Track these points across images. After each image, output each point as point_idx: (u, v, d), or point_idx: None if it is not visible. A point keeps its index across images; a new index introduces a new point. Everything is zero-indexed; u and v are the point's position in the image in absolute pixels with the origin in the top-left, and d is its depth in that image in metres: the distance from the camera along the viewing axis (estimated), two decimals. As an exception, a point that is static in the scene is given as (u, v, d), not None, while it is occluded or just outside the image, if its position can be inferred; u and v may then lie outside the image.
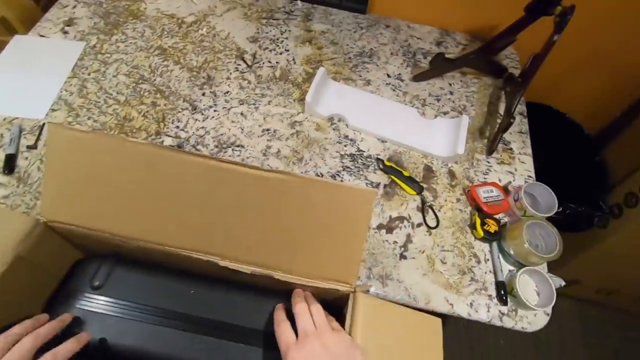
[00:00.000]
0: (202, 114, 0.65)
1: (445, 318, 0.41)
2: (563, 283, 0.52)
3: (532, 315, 0.51)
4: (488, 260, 0.55)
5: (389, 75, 0.74)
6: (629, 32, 0.76)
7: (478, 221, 0.55)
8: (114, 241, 0.38)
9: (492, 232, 0.54)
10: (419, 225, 0.57)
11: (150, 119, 0.63)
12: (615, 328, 1.04)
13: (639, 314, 1.05)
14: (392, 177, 0.60)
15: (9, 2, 0.71)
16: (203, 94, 0.67)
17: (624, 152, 0.87)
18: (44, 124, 0.60)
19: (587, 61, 0.84)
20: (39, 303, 0.39)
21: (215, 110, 0.65)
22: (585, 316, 1.05)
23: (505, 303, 0.51)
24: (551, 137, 0.86)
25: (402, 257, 0.54)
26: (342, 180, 0.60)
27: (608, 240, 0.82)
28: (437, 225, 0.57)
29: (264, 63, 0.73)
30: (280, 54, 0.74)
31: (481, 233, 0.54)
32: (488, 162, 0.65)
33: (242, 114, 0.65)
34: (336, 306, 0.39)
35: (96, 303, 0.38)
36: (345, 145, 0.64)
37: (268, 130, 0.64)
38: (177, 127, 0.63)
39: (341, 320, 0.37)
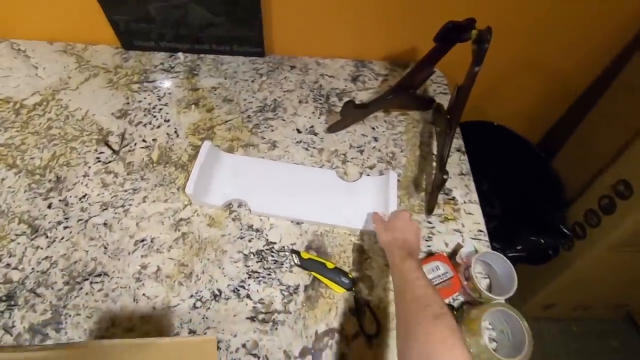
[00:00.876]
0: (47, 236, 0.47)
1: None
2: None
3: None
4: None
5: (299, 131, 0.61)
6: (558, 41, 0.70)
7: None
8: None
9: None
10: (355, 336, 0.43)
11: (-34, 260, 0.45)
12: (598, 339, 0.99)
13: (618, 320, 1.00)
14: (314, 273, 0.47)
15: None
16: (49, 206, 0.50)
17: (574, 161, 0.81)
18: None
19: (519, 72, 0.77)
20: None
21: (65, 227, 0.48)
22: (566, 332, 0.99)
23: None
24: (497, 154, 0.78)
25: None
26: (248, 294, 0.45)
27: (577, 263, 0.74)
28: (378, 332, 0.43)
29: (136, 144, 0.57)
30: (158, 127, 0.59)
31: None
32: (429, 222, 0.53)
33: (105, 224, 0.49)
34: None
35: None
36: (249, 240, 0.49)
37: (143, 241, 0.48)
38: (9, 265, 0.45)
39: None
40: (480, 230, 0.53)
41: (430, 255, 0.49)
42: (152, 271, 0.46)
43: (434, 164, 0.59)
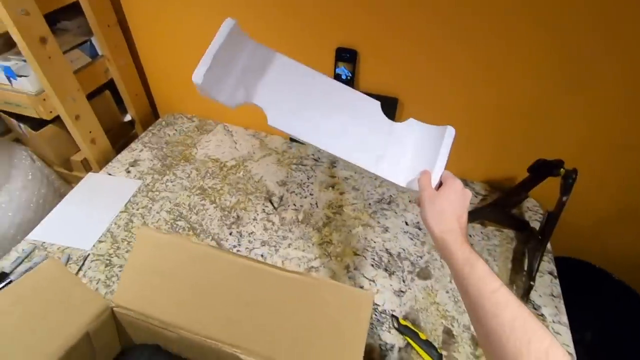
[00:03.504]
0: (225, 254, 0.68)
1: None
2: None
3: None
4: None
5: (406, 223, 0.77)
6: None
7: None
8: (159, 331, 0.41)
9: None
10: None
11: (177, 256, 0.67)
12: None
13: None
14: (408, 339, 0.56)
15: (92, 147, 0.89)
16: (230, 233, 0.72)
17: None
18: (88, 254, 0.66)
19: (623, 218, 0.82)
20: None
21: (238, 250, 0.69)
22: None
23: None
24: (599, 301, 0.77)
25: None
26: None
27: None
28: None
29: (289, 206, 0.80)
30: (305, 197, 0.82)
31: None
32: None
33: (262, 255, 0.68)
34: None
35: None
36: (360, 298, 0.62)
37: (285, 275, 0.65)
38: (200, 266, 0.66)
39: None
40: (570, 353, 0.56)
41: None
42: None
43: (524, 278, 0.66)
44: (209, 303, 0.42)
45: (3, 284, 0.59)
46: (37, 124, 0.86)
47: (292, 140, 0.99)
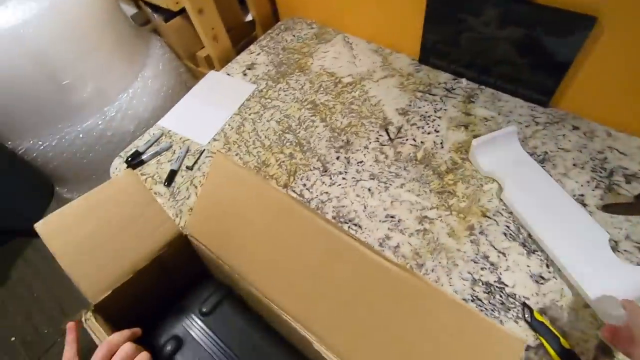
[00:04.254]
0: (331, 178, 0.62)
1: None
2: None
3: None
4: None
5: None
6: None
7: None
8: (231, 275, 0.38)
9: None
10: None
11: (283, 169, 0.64)
12: None
13: None
14: (542, 339, 0.44)
15: (214, 44, 0.88)
16: (337, 158, 0.65)
17: None
18: (204, 150, 0.69)
19: None
20: (152, 304, 0.41)
21: (343, 178, 0.62)
22: None
23: None
24: None
25: None
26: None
27: None
28: None
29: (407, 140, 0.67)
30: (429, 133, 0.67)
31: None
32: None
33: (369, 189, 0.60)
34: None
35: (198, 329, 0.39)
36: (482, 268, 0.50)
37: (392, 217, 0.57)
38: (304, 185, 0.62)
39: None
40: None
41: None
42: (392, 244, 0.54)
43: None
44: (285, 267, 0.35)
45: (137, 160, 0.66)
46: (169, 15, 0.87)
47: (422, 62, 0.80)
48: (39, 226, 0.33)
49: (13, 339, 1.18)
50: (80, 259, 0.34)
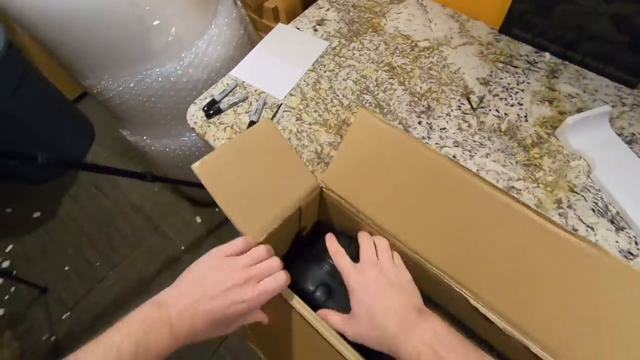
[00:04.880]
0: (413, 142, 0.62)
1: None
2: None
3: None
4: None
5: (653, 175, 0.57)
6: None
7: None
8: (368, 228, 0.38)
9: None
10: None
11: (363, 129, 0.64)
12: None
13: None
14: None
15: (283, -4, 0.84)
16: (419, 123, 0.64)
17: None
18: (281, 104, 0.67)
19: None
20: (282, 252, 0.43)
21: (427, 144, 0.62)
22: None
23: None
24: None
25: None
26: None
27: None
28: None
29: (490, 110, 0.65)
30: (512, 105, 0.66)
31: None
32: None
33: (454, 156, 0.60)
34: None
35: (332, 277, 0.39)
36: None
37: (479, 185, 0.57)
38: (385, 146, 0.62)
39: None
40: None
41: None
42: (480, 211, 0.54)
43: None
44: (438, 226, 0.34)
45: (215, 107, 0.65)
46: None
47: (502, 31, 0.77)
48: (196, 167, 0.33)
49: (67, 268, 1.23)
50: (237, 202, 0.35)
